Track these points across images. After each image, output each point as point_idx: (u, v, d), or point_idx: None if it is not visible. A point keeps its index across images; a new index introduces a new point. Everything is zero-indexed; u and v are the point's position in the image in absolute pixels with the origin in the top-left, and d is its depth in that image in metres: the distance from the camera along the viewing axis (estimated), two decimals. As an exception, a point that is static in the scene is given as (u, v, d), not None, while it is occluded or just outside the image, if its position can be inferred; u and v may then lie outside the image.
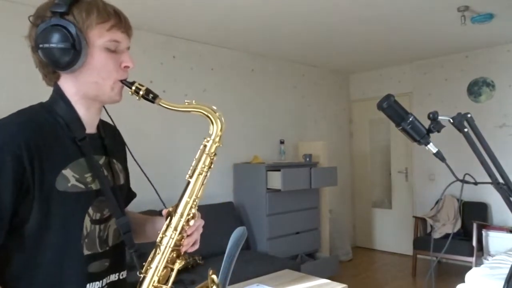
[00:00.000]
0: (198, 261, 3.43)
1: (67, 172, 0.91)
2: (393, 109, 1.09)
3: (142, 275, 0.97)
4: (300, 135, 5.26)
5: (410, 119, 1.07)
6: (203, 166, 1.01)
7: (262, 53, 4.79)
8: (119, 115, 1.14)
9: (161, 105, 0.97)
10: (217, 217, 3.97)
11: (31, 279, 0.89)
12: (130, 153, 1.15)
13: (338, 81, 5.95)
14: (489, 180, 1.04)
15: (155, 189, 1.12)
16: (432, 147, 1.09)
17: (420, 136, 1.08)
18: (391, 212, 5.69)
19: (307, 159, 4.60)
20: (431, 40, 4.42)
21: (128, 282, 1.08)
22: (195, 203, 1.01)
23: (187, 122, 4.00)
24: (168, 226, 0.99)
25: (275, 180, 4.06)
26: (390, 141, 5.67)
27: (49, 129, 0.92)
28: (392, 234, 5.65)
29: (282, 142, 4.79)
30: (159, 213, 1.07)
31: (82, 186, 0.93)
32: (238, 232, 1.04)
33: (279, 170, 4.04)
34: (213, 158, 1.02)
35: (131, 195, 1.20)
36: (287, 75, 5.18)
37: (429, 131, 1.08)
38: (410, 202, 5.45)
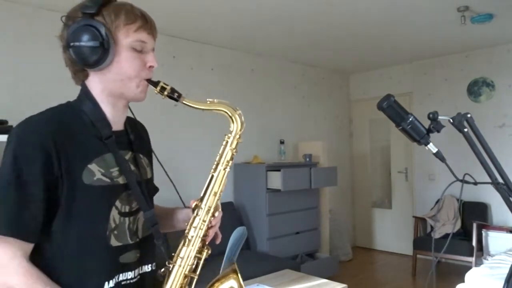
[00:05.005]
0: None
1: (93, 167, 0.95)
2: (393, 109, 1.09)
3: (171, 265, 1.01)
4: (300, 135, 5.26)
5: (410, 119, 1.07)
6: (225, 160, 1.08)
7: (262, 53, 4.79)
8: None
9: (185, 104, 1.03)
10: (217, 217, 3.96)
11: (60, 270, 0.92)
12: (156, 156, 1.20)
13: (338, 81, 5.94)
14: (489, 180, 1.04)
15: (175, 188, 1.17)
16: (432, 147, 1.09)
17: (420, 136, 1.08)
18: (391, 212, 5.69)
19: (307, 159, 4.60)
20: (431, 40, 4.42)
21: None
22: (219, 195, 1.07)
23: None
24: (195, 217, 1.04)
25: (275, 180, 4.06)
26: (390, 141, 5.67)
27: (75, 126, 0.97)
28: (392, 234, 5.65)
29: (282, 142, 4.79)
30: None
31: (108, 180, 0.97)
32: (238, 232, 1.05)
33: (279, 170, 4.04)
34: (233, 154, 1.10)
35: (155, 190, 1.25)
36: (287, 75, 5.17)
37: (429, 131, 1.08)
38: (410, 202, 5.45)
